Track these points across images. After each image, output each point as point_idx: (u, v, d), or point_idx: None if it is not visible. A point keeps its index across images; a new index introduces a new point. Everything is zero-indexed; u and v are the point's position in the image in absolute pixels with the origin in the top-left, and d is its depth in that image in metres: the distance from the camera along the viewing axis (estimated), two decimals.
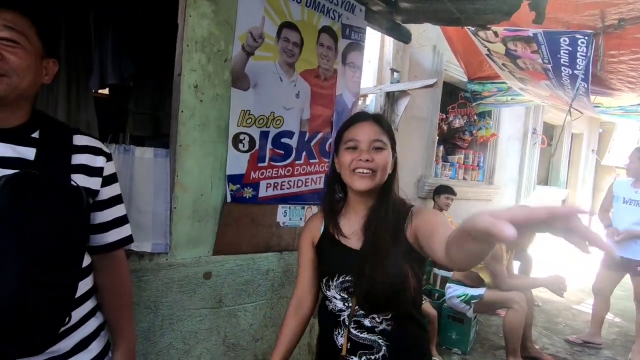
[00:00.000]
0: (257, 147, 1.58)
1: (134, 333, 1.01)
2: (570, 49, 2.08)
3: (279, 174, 1.67)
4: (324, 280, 0.99)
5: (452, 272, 2.96)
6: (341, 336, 0.99)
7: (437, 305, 2.90)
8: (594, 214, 7.94)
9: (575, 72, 2.18)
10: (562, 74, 2.30)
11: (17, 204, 0.68)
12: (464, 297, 2.70)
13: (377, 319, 0.96)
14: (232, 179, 1.54)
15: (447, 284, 2.88)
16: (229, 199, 1.54)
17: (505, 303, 2.60)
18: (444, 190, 3.32)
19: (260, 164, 1.61)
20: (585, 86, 2.21)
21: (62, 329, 0.77)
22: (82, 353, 0.84)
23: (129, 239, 0.96)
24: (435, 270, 3.41)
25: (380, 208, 0.97)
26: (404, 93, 2.79)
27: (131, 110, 2.59)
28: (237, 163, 1.54)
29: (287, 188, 1.71)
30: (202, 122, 1.46)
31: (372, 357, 0.96)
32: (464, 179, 4.33)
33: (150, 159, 1.40)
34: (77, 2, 2.14)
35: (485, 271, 2.69)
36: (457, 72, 3.72)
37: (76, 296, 0.80)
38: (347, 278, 0.96)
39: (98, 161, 0.86)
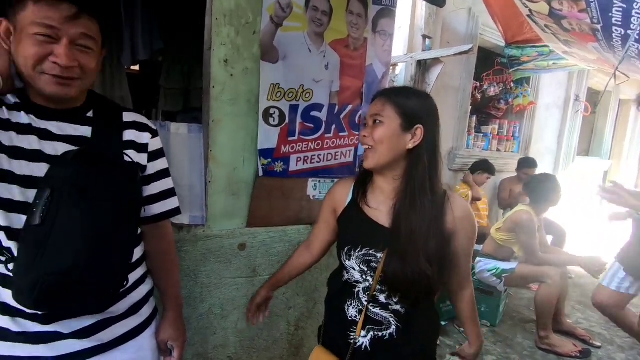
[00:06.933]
0: (287, 121, 1.58)
1: (181, 296, 1.09)
2: (624, 6, 1.87)
3: (308, 148, 1.67)
4: (346, 249, 0.98)
5: (481, 246, 2.91)
6: (352, 308, 0.99)
7: None
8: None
9: (629, 32, 1.99)
10: (613, 34, 2.10)
11: (85, 177, 0.74)
12: (494, 270, 2.67)
13: (393, 298, 0.96)
14: (264, 153, 1.55)
15: (477, 258, 2.85)
16: (260, 173, 1.56)
17: (539, 277, 2.55)
18: (484, 169, 3.20)
19: (290, 138, 1.61)
20: (639, 48, 2.02)
21: (120, 290, 0.83)
22: (134, 316, 0.92)
23: (175, 211, 1.01)
24: None
25: (409, 194, 0.92)
26: (436, 61, 2.66)
27: (162, 86, 2.64)
28: (268, 137, 1.55)
29: (317, 162, 1.71)
30: (233, 96, 1.46)
31: (380, 333, 0.97)
32: (498, 150, 4.16)
33: (184, 134, 1.43)
34: None
35: (517, 245, 2.64)
36: (493, 36, 3.49)
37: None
38: (370, 252, 0.95)
39: (144, 137, 0.91)
